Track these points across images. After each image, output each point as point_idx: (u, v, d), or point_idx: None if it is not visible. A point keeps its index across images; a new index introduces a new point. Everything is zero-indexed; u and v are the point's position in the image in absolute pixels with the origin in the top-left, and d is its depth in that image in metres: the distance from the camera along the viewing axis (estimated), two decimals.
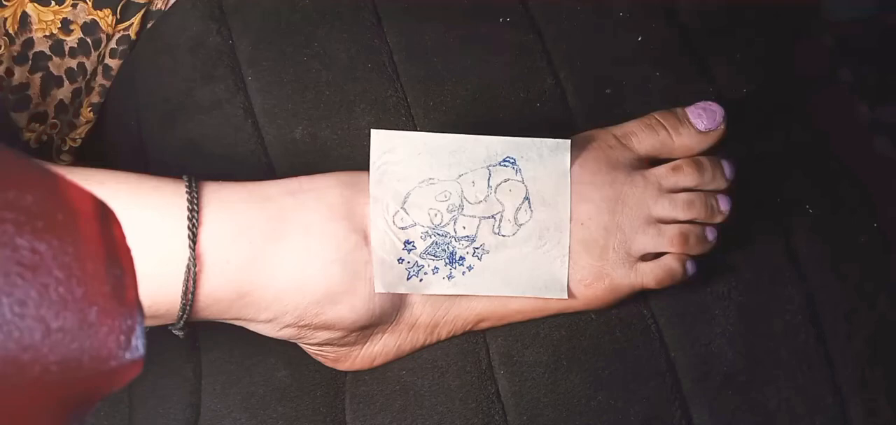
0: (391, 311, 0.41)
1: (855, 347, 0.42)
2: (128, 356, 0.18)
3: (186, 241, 0.37)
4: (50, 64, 0.47)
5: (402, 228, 0.40)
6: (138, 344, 0.18)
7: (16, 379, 0.16)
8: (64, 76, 0.47)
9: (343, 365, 0.43)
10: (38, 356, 0.16)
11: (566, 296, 0.40)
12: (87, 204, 0.19)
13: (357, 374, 0.43)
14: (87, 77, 0.48)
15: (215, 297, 0.38)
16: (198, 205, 0.37)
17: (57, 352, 0.16)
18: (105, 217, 0.19)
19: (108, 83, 0.49)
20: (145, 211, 0.37)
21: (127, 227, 0.36)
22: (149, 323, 0.39)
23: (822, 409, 0.41)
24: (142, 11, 0.48)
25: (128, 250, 0.19)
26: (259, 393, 0.43)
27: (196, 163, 0.45)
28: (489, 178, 0.40)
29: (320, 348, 0.42)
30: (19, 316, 0.16)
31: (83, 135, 0.50)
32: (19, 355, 0.16)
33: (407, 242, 0.40)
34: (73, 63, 0.47)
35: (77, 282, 0.17)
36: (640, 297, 0.42)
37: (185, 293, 0.37)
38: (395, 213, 0.40)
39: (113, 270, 0.18)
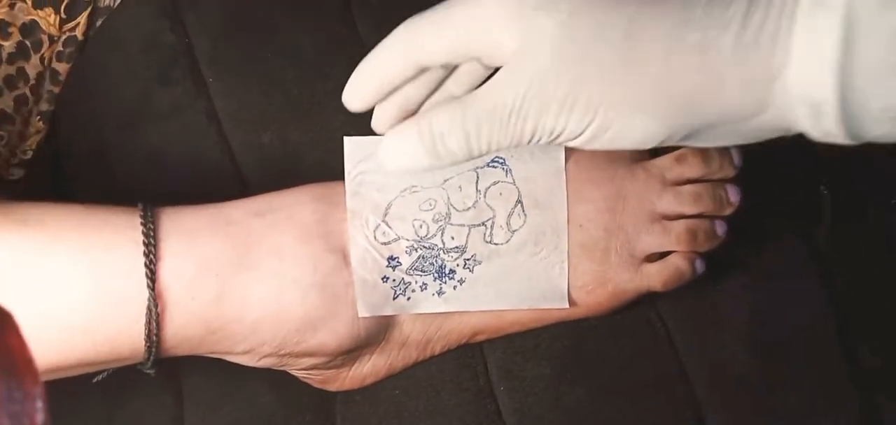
0: (378, 332, 0.38)
1: (878, 342, 0.40)
2: None
3: (144, 281, 0.33)
4: None
5: (385, 243, 0.37)
6: None
7: None
8: (2, 84, 0.43)
9: (332, 386, 0.40)
10: None
11: (567, 305, 0.37)
12: None
13: (348, 395, 0.41)
14: (32, 83, 0.44)
15: (183, 336, 0.35)
16: (155, 237, 0.34)
17: None
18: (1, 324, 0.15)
19: (57, 89, 0.45)
20: (94, 250, 0.34)
21: (78, 270, 0.33)
22: (114, 365, 0.36)
23: (845, 409, 0.39)
24: (88, 9, 0.44)
25: (30, 363, 0.16)
26: (244, 419, 0.41)
27: (159, 173, 0.42)
28: (477, 182, 0.37)
29: (306, 372, 0.40)
30: None
31: (34, 147, 0.46)
32: None
33: (391, 258, 0.37)
34: (12, 69, 0.44)
35: None
36: (646, 300, 0.39)
37: (148, 335, 0.34)
38: (376, 228, 0.37)
39: (12, 395, 0.15)
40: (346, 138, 0.37)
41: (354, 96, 0.33)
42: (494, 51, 0.30)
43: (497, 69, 0.31)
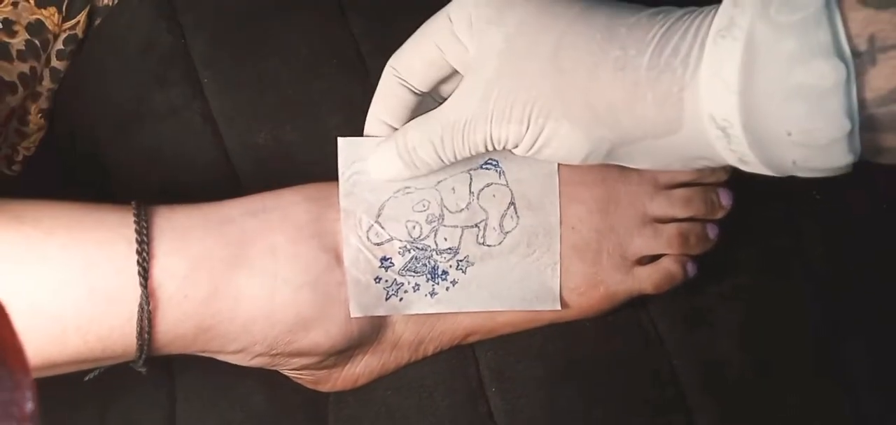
0: (371, 332, 0.38)
1: (870, 344, 0.39)
2: None
3: (137, 278, 0.33)
4: None
5: (378, 244, 0.37)
6: None
7: None
8: (17, 81, 0.44)
9: (324, 387, 0.40)
10: None
11: (559, 307, 0.37)
12: None
13: (340, 396, 0.41)
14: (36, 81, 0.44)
15: (175, 334, 0.35)
16: (148, 236, 0.34)
17: None
18: None
19: (56, 86, 0.45)
20: (88, 247, 0.34)
21: (71, 266, 0.33)
22: (106, 363, 0.36)
23: (837, 411, 0.38)
24: (87, 8, 0.44)
25: (20, 353, 0.16)
26: (237, 418, 0.40)
27: (155, 173, 0.42)
28: (470, 183, 0.37)
29: (298, 372, 0.40)
30: None
31: (36, 143, 0.46)
32: None
33: (384, 259, 0.37)
34: (25, 67, 0.44)
35: None
36: (638, 302, 0.39)
37: (140, 333, 0.34)
38: (369, 228, 0.37)
39: (1, 383, 0.15)
40: (340, 138, 0.37)
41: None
42: (463, 56, 0.33)
43: None
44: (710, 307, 0.40)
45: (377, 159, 0.36)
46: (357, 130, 0.39)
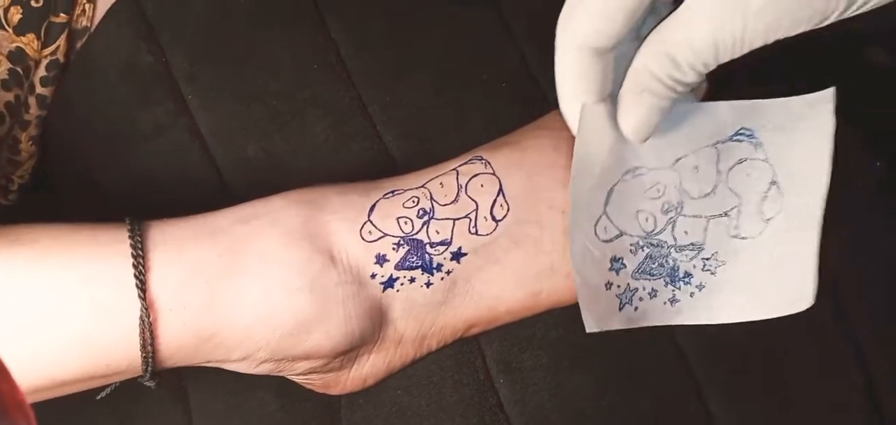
0: (372, 331, 0.38)
1: (872, 316, 0.39)
2: None
3: (135, 291, 0.34)
4: None
5: (607, 241, 0.31)
6: None
7: None
8: (4, 111, 0.44)
9: (334, 390, 0.40)
10: None
11: (810, 305, 0.32)
12: None
13: (351, 398, 0.41)
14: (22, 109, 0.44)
15: (178, 345, 0.35)
16: (143, 249, 0.34)
17: None
18: None
19: (44, 113, 0.45)
20: (84, 264, 0.34)
21: (69, 283, 0.34)
22: (115, 379, 0.37)
23: (846, 378, 0.38)
24: (65, 31, 0.44)
25: (22, 406, 0.16)
26: None
27: (148, 192, 0.42)
28: (718, 160, 0.31)
29: (306, 377, 0.40)
30: None
31: (29, 171, 0.47)
32: None
33: (614, 259, 0.32)
34: (10, 96, 0.44)
35: None
36: None
37: (143, 346, 0.34)
38: (597, 221, 0.30)
39: None
40: (585, 105, 0.28)
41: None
42: None
43: None
44: None
45: (625, 117, 0.28)
46: (345, 135, 0.38)
